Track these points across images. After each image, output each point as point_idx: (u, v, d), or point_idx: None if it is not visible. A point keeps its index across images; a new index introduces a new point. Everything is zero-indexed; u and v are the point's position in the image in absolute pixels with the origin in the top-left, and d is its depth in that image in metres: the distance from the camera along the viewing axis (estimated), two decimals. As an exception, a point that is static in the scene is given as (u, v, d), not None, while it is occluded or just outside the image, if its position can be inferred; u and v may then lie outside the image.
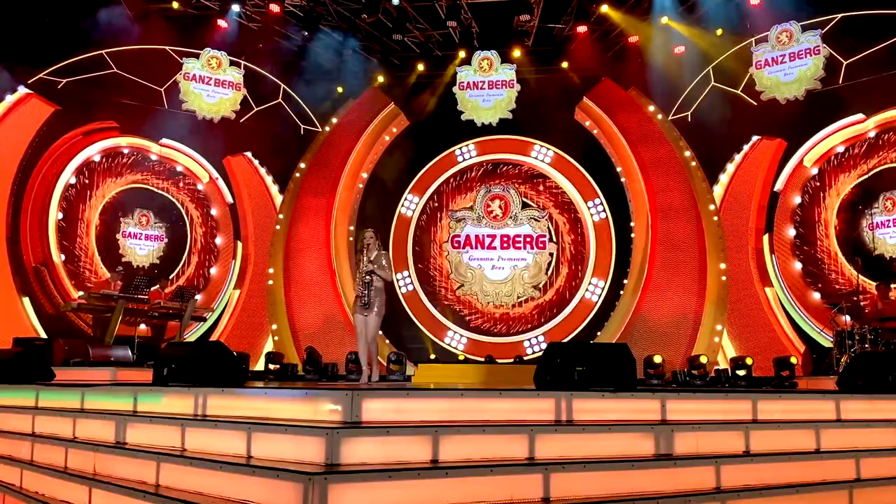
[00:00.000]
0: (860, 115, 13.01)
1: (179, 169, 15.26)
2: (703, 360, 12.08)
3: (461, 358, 14.57)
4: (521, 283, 15.18)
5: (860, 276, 12.10)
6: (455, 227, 15.39)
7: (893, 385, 5.63)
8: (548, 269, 15.20)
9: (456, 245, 15.40)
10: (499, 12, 14.62)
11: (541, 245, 15.20)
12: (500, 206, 15.33)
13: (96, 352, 9.62)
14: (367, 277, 7.38)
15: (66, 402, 5.83)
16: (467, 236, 15.23)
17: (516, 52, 15.29)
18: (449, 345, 14.85)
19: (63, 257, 13.82)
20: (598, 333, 14.07)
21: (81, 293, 11.93)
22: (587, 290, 14.73)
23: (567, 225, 15.35)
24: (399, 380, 12.23)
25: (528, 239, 15.26)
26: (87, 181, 14.38)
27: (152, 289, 11.26)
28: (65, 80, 13.47)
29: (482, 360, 14.20)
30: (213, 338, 13.88)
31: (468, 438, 3.97)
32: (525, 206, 15.38)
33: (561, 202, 15.41)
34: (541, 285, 15.17)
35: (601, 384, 4.90)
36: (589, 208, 14.97)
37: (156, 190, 15.14)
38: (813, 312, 13.17)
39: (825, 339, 12.47)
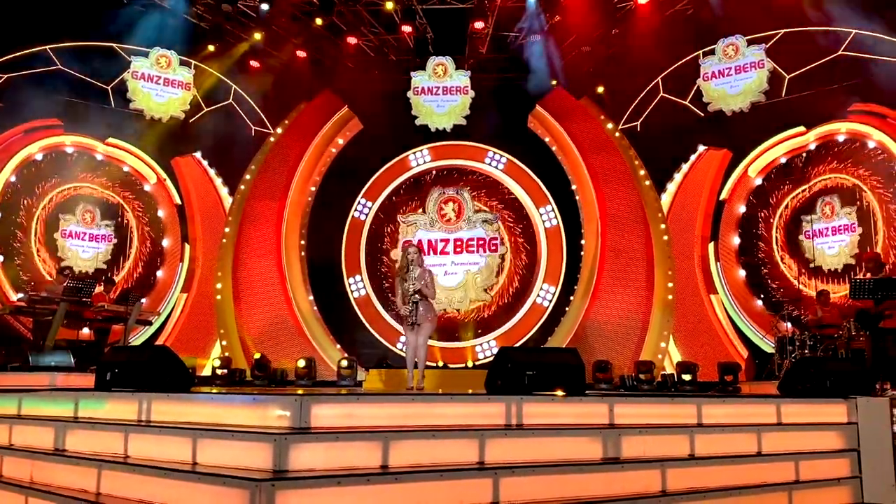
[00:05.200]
0: (802, 128, 13.44)
1: (126, 169, 14.89)
2: (651, 365, 12.34)
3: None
4: (473, 287, 15.23)
5: (800, 284, 12.52)
6: (407, 231, 15.35)
7: (831, 389, 5.81)
8: (499, 273, 15.29)
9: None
10: (454, 19, 14.70)
11: (493, 248, 15.27)
12: (453, 210, 15.36)
13: (35, 356, 9.30)
14: (416, 297, 7.41)
15: (2, 409, 5.64)
16: (419, 241, 15.14)
17: (470, 59, 15.37)
18: (401, 350, 14.78)
19: (1, 258, 13.36)
20: (549, 338, 14.20)
21: (21, 295, 11.54)
22: (538, 295, 14.85)
23: (519, 231, 15.48)
24: (350, 385, 12.17)
25: (481, 242, 15.30)
26: (28, 180, 13.92)
27: (96, 291, 10.95)
28: (5, 76, 13.05)
29: (434, 365, 14.19)
30: (159, 342, 13.57)
31: (418, 443, 3.97)
32: (478, 209, 15.44)
33: (513, 209, 15.54)
34: (492, 289, 15.24)
35: (551, 388, 4.94)
36: (541, 215, 15.11)
37: (101, 190, 14.74)
38: (756, 319, 13.53)
39: (767, 345, 12.83)
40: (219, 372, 12.56)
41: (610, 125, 14.69)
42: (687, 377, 11.95)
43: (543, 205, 15.10)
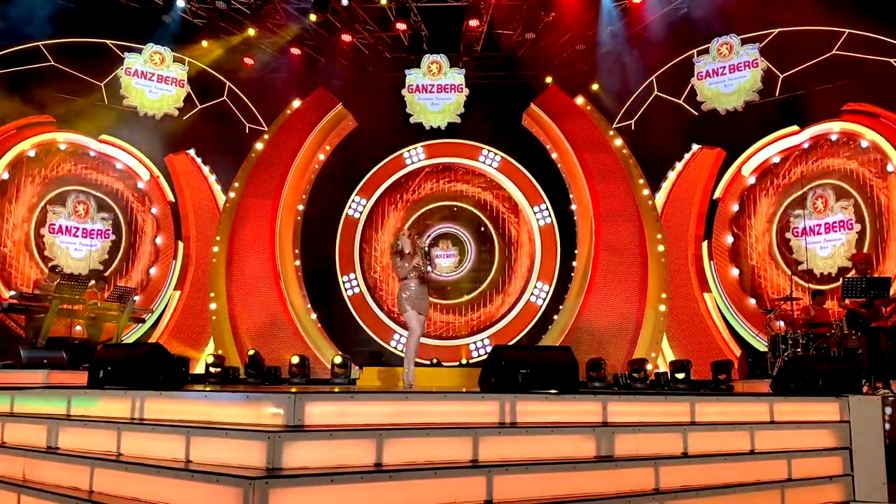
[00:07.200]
0: (795, 127, 13.48)
1: (119, 166, 14.84)
2: (644, 363, 12.36)
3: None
4: (468, 283, 15.26)
5: (793, 284, 12.57)
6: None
7: (823, 388, 5.83)
8: (495, 272, 15.32)
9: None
10: (448, 17, 14.68)
11: (487, 249, 15.32)
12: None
13: (28, 354, 9.27)
14: (426, 248, 7.46)
15: (-5, 406, 5.62)
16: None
17: (465, 57, 15.35)
18: (395, 348, 14.80)
19: (-8, 256, 13.31)
20: (543, 336, 14.21)
21: (13, 293, 11.49)
22: (532, 293, 14.88)
23: (513, 230, 15.49)
24: (344, 383, 12.16)
25: (474, 244, 15.39)
26: (20, 177, 13.86)
27: (89, 289, 10.92)
28: (-2, 72, 13.00)
29: (428, 363, 14.19)
30: (152, 340, 13.53)
31: (412, 441, 3.97)
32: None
33: (508, 207, 15.56)
34: (487, 286, 15.27)
35: (545, 387, 4.95)
36: (535, 213, 15.13)
37: (93, 188, 14.67)
38: (749, 317, 13.57)
39: (760, 344, 12.86)
40: (212, 370, 12.52)
41: (604, 124, 14.70)
42: (680, 375, 11.97)
43: (538, 203, 15.12)
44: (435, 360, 14.24)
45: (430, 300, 7.71)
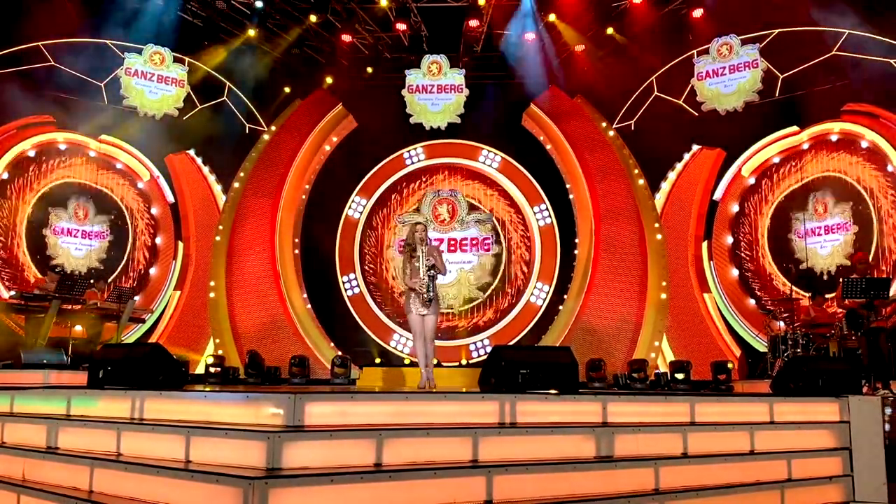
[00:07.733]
0: (795, 128, 13.48)
1: (119, 166, 14.84)
2: (644, 363, 12.36)
3: (406, 361, 14.54)
4: (467, 285, 15.24)
5: (792, 284, 12.55)
6: (402, 230, 15.33)
7: (823, 388, 5.83)
8: (493, 272, 15.30)
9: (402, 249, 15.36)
10: (448, 17, 14.68)
11: (486, 247, 15.31)
12: (447, 211, 15.38)
13: (28, 354, 9.27)
14: (431, 272, 7.11)
15: (-5, 406, 5.61)
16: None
17: (465, 58, 15.36)
18: (395, 348, 14.81)
19: (-7, 257, 13.30)
20: (543, 337, 14.21)
21: (13, 293, 11.49)
22: (532, 294, 14.88)
23: (513, 230, 15.49)
24: (343, 383, 12.17)
25: (475, 241, 15.34)
26: (20, 177, 13.86)
27: (89, 289, 10.92)
28: (-2, 73, 12.99)
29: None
30: (152, 340, 13.53)
31: (412, 441, 3.97)
32: (472, 208, 15.45)
33: (508, 207, 15.55)
34: (487, 288, 15.25)
35: (545, 387, 4.95)
36: (535, 213, 15.13)
37: (94, 186, 14.67)
38: (749, 318, 13.56)
39: (760, 344, 12.86)
40: (212, 370, 12.53)
41: (604, 124, 14.71)
42: (680, 376, 11.99)
43: (537, 203, 15.12)
44: (435, 361, 14.22)
45: (439, 306, 7.46)
